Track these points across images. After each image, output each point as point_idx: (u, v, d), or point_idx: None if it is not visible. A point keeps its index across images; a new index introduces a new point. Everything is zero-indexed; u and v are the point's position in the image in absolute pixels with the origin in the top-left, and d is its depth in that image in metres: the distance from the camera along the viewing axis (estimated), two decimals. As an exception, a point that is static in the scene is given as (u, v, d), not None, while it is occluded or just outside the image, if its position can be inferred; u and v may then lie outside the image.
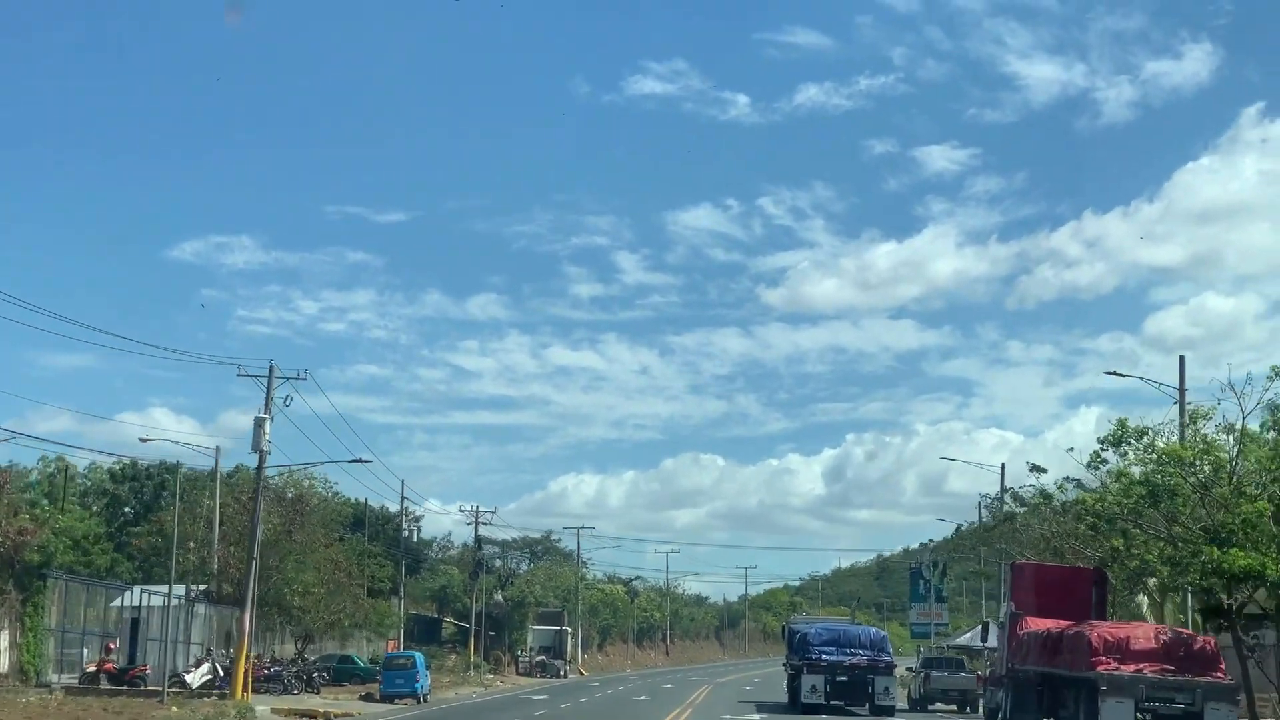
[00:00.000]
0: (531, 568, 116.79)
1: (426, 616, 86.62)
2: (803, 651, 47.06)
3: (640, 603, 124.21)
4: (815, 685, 44.95)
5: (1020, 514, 52.58)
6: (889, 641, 51.40)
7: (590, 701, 53.61)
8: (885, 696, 44.88)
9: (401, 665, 55.20)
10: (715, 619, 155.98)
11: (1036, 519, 52.54)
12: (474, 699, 59.04)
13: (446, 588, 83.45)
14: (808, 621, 67.82)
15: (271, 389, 45.18)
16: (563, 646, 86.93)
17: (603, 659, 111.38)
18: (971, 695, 49.97)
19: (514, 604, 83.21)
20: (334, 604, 61.27)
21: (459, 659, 79.93)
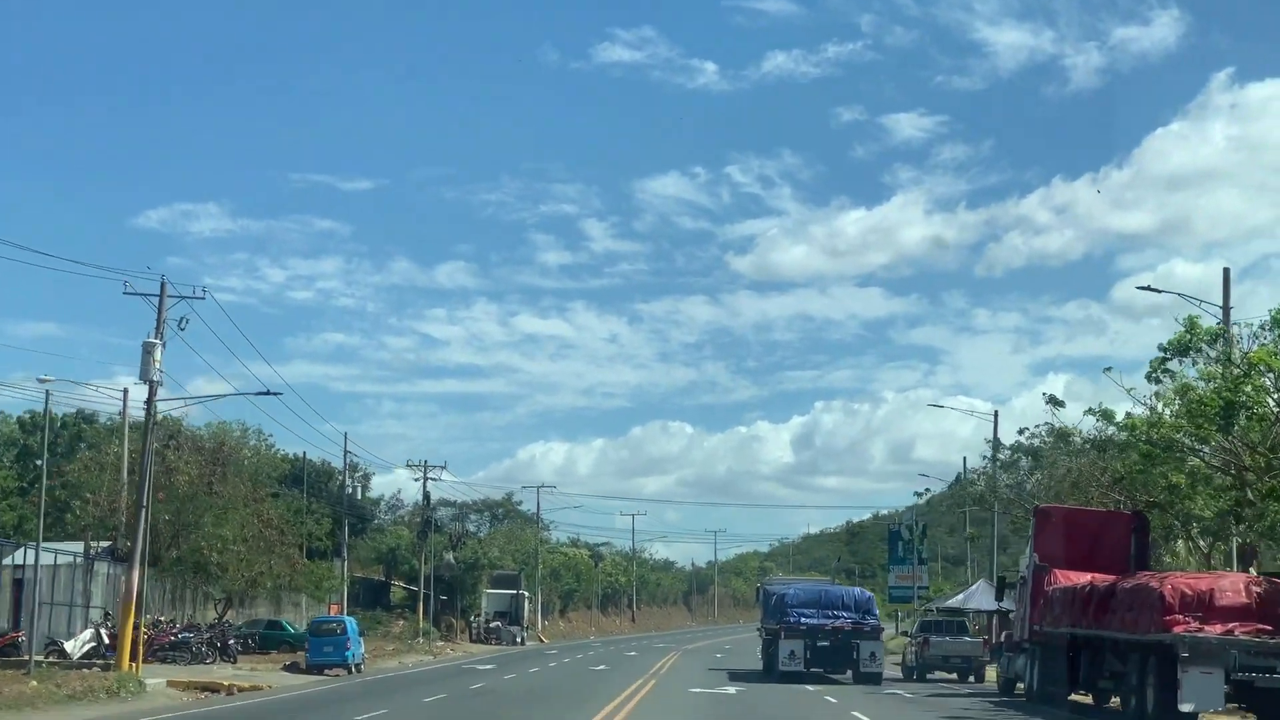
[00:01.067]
0: (491, 531, 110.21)
1: (373, 580, 79.69)
2: (779, 615, 42.53)
3: (605, 567, 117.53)
4: (794, 651, 40.61)
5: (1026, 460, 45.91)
6: (875, 603, 45.66)
7: (541, 672, 46.91)
8: (872, 663, 40.47)
9: (330, 631, 48.28)
10: (683, 584, 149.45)
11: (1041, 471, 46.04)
12: (414, 669, 52.30)
13: (395, 549, 76.48)
14: (784, 582, 61.27)
15: (163, 310, 38.04)
16: (519, 612, 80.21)
17: (565, 625, 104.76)
18: (976, 663, 43.46)
19: (466, 566, 76.39)
20: (258, 563, 54.29)
21: (407, 625, 73.16)
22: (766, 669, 44.84)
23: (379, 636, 69.50)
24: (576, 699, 30.72)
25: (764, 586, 58.29)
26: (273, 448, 68.70)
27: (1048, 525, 32.57)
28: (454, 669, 50.83)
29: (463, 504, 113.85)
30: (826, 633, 40.83)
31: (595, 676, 43.30)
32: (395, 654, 61.42)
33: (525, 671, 46.80)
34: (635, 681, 38.94)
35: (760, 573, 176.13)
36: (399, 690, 36.30)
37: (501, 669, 49.04)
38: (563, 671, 47.69)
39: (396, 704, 30.02)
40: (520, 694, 33.61)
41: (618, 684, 37.19)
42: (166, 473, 51.49)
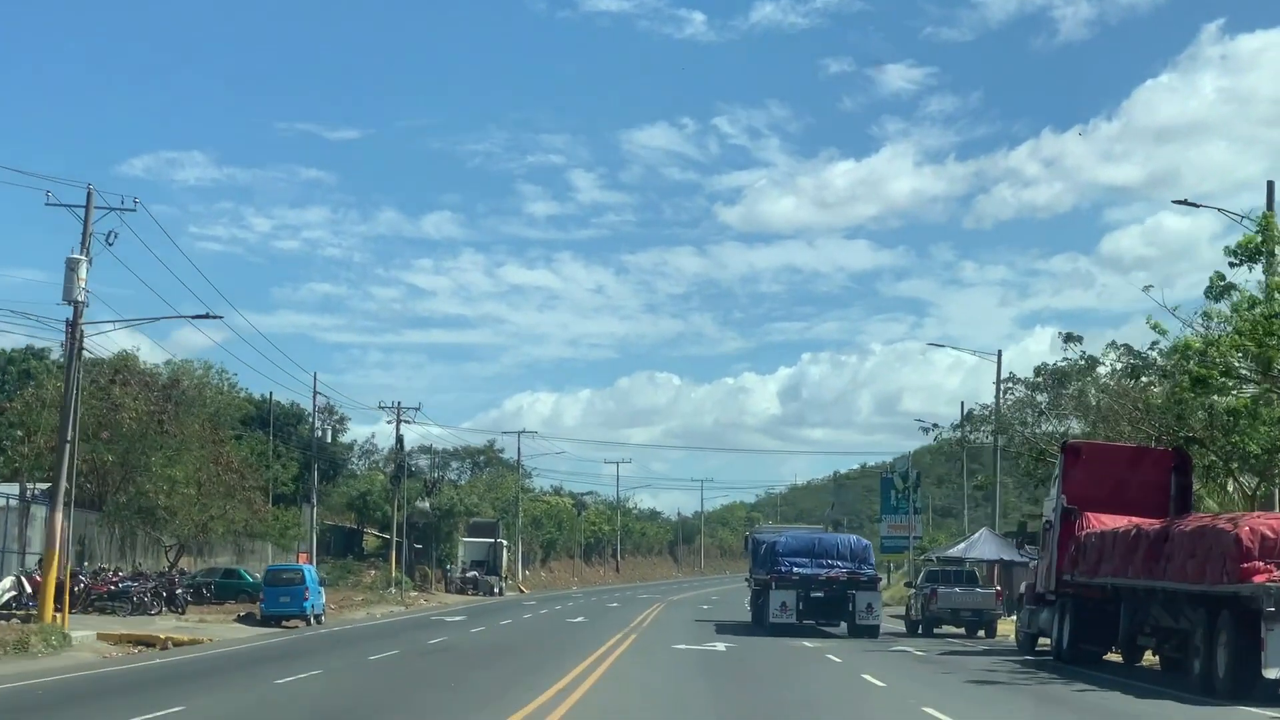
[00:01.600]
0: (471, 479, 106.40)
1: (344, 528, 75.75)
2: (770, 564, 40.17)
3: (589, 516, 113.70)
4: (785, 602, 38.35)
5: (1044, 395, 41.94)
6: (872, 552, 42.72)
7: (512, 625, 43.13)
8: (868, 615, 38.12)
9: (287, 580, 44.39)
10: (669, 535, 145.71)
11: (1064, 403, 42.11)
12: (381, 621, 48.55)
13: (366, 494, 72.51)
14: (774, 531, 57.54)
15: (89, 223, 33.84)
16: (497, 561, 76.45)
17: (546, 576, 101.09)
18: (989, 616, 39.64)
19: (442, 514, 72.50)
20: (213, 507, 50.37)
21: (379, 575, 69.28)
22: (756, 621, 42.51)
23: (349, 586, 65.84)
24: (544, 658, 26.88)
25: (753, 535, 54.73)
26: (237, 387, 64.58)
27: (1077, 463, 28.75)
28: (421, 621, 47.06)
29: (444, 451, 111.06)
30: (820, 583, 38.50)
31: (570, 630, 39.53)
32: (364, 605, 57.66)
33: (496, 624, 43.01)
34: (613, 636, 35.14)
35: (748, 522, 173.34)
36: (351, 645, 32.47)
37: (471, 621, 45.28)
38: (536, 624, 43.92)
39: (338, 662, 26.15)
40: (482, 651, 29.76)
41: (594, 639, 33.37)
42: (112, 409, 47.54)
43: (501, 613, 52.66)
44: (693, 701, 19.20)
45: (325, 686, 20.80)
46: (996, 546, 55.62)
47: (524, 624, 43.63)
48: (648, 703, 19.02)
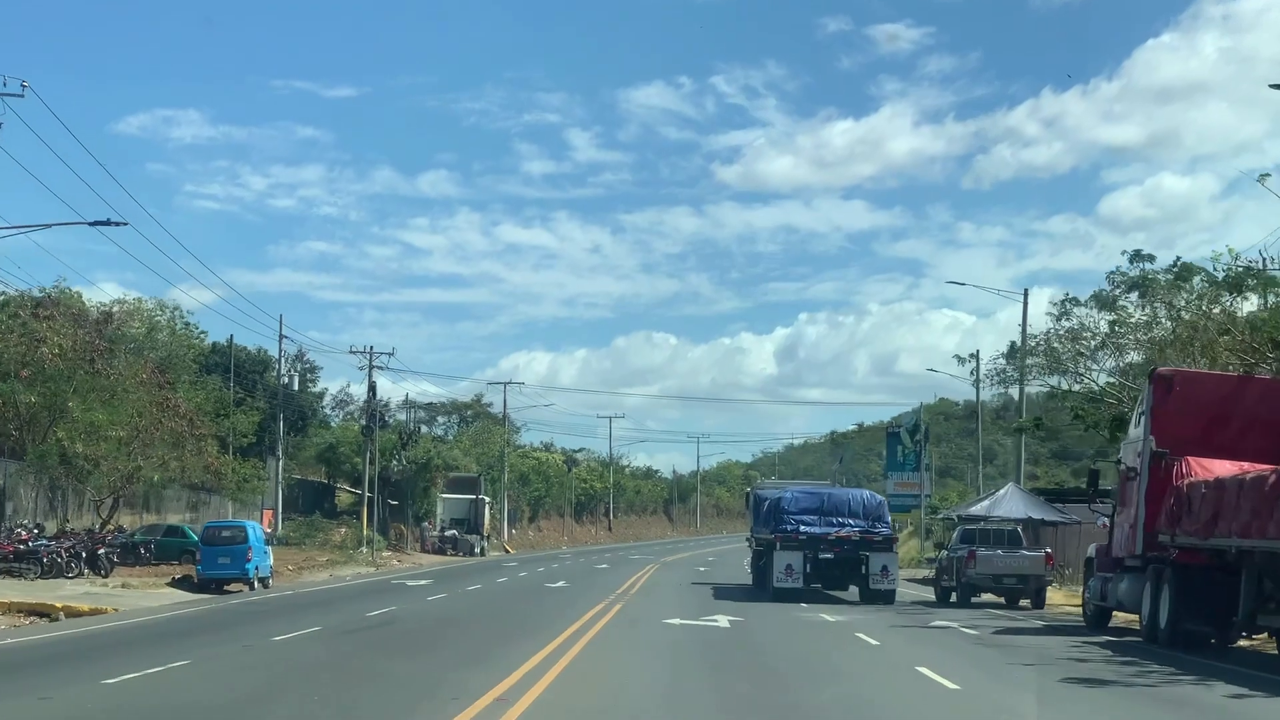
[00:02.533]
0: (458, 433, 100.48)
1: (314, 483, 69.69)
2: (774, 522, 36.24)
3: (580, 473, 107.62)
4: (791, 565, 34.44)
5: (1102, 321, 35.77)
6: (887, 509, 38.57)
7: (480, 592, 37.23)
8: (883, 578, 34.30)
9: (227, 539, 38.49)
10: (664, 493, 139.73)
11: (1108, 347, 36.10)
12: (340, 584, 42.82)
13: (336, 446, 66.45)
14: (779, 486, 51.60)
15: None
16: (479, 519, 70.53)
17: (535, 535, 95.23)
18: (1038, 583, 33.47)
19: (418, 467, 66.48)
20: (153, 455, 44.41)
21: (349, 533, 63.39)
22: (757, 584, 39.22)
23: (317, 545, 60.06)
24: (496, 639, 20.84)
25: (755, 491, 48.81)
26: (195, 330, 58.36)
27: (1169, 397, 22.76)
28: (380, 585, 41.15)
29: (429, 405, 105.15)
30: (830, 543, 34.57)
31: (544, 598, 33.56)
32: (328, 566, 51.94)
33: (460, 590, 37.04)
34: (594, 606, 29.17)
35: (745, 480, 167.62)
36: (277, 617, 26.47)
37: (436, 585, 39.39)
38: (508, 590, 37.95)
39: (229, 646, 20.10)
40: (425, 629, 23.71)
41: (569, 610, 27.42)
42: (32, 345, 41.51)
43: (475, 575, 46.77)
44: (694, 715, 13.19)
45: (164, 694, 14.64)
46: (1024, 503, 49.67)
47: (494, 590, 37.67)
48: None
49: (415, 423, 70.14)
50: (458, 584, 40.39)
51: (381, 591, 36.64)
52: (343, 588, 40.47)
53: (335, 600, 33.31)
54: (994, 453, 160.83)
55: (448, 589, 37.31)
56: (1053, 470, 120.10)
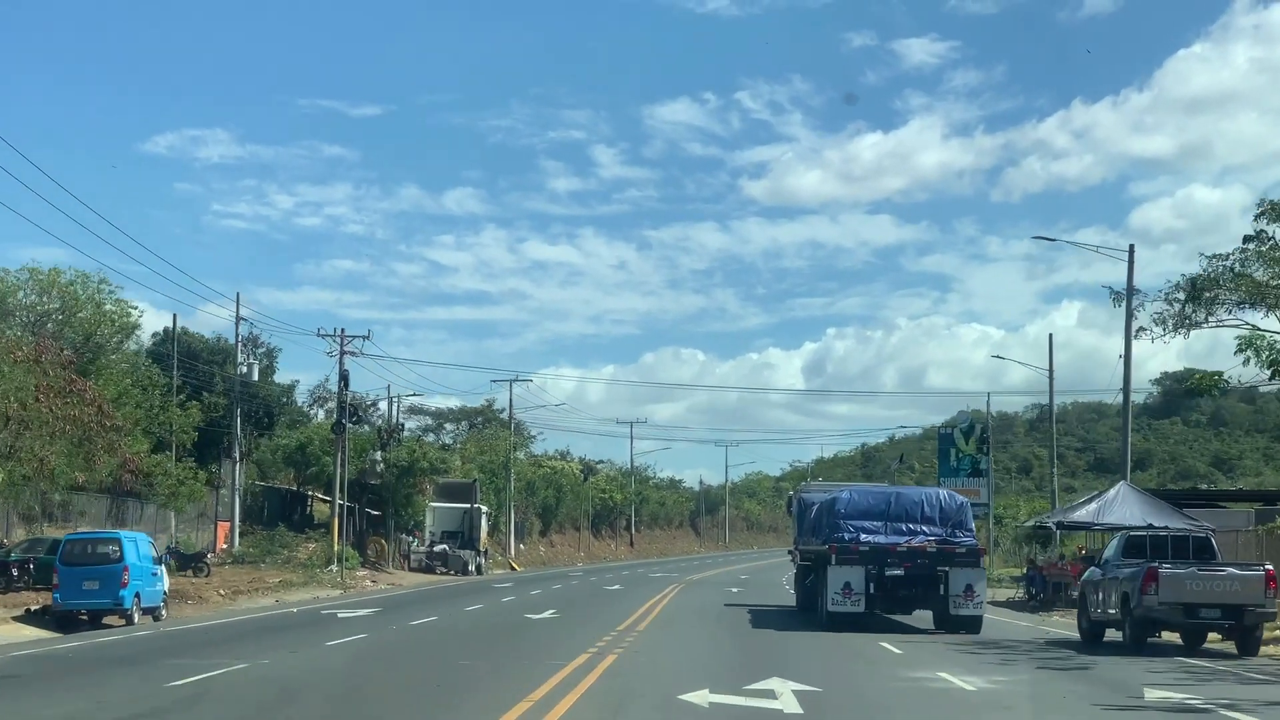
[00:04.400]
0: (464, 439, 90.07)
1: (282, 490, 59.15)
2: (827, 530, 28.94)
3: (598, 482, 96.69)
4: (850, 584, 27.21)
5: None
6: (970, 512, 29.92)
7: (434, 625, 26.99)
8: (967, 601, 27.01)
9: (96, 557, 28.45)
10: (690, 505, 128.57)
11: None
12: (271, 613, 32.53)
13: (305, 447, 55.94)
14: (827, 489, 40.83)
15: None
16: (474, 532, 59.86)
17: (546, 550, 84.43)
18: (1253, 617, 21.85)
19: (400, 470, 55.88)
20: (30, 448, 34.04)
21: (318, 549, 52.90)
22: (803, 607, 32.55)
23: (279, 563, 49.80)
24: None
25: (799, 494, 38.69)
26: (125, 307, 47.87)
27: None
28: (309, 618, 30.68)
29: (436, 411, 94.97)
30: (900, 556, 27.33)
31: (510, 641, 22.88)
32: (280, 589, 41.72)
33: (403, 626, 26.43)
34: (574, 659, 18.48)
35: (775, 493, 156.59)
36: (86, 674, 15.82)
37: (379, 619, 28.97)
38: (471, 626, 27.11)
39: None
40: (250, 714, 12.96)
41: (527, 669, 16.78)
42: None
43: (444, 602, 36.26)
44: None
45: None
46: (1141, 507, 38.98)
47: (449, 625, 26.86)
48: None
49: (399, 420, 59.72)
50: (411, 614, 29.87)
51: (295, 628, 26.18)
52: (262, 620, 29.97)
53: (220, 641, 22.90)
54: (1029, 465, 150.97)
55: (385, 625, 26.80)
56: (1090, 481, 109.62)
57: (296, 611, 32.77)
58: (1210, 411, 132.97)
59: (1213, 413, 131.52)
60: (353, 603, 36.15)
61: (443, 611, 31.15)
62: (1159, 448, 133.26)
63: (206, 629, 26.99)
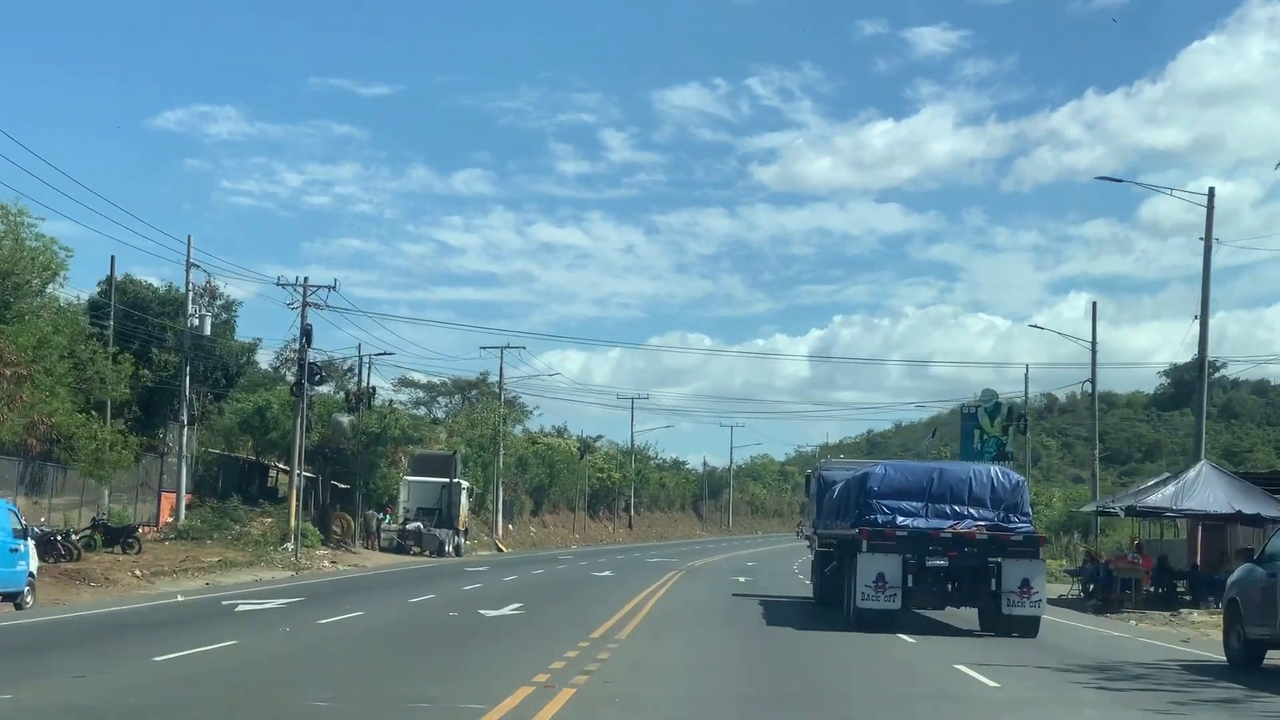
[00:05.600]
0: (454, 413, 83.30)
1: (239, 459, 52.38)
2: (856, 512, 24.15)
3: (596, 460, 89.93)
4: (884, 575, 22.23)
5: None
6: (1027, 492, 24.91)
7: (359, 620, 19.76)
8: (1023, 598, 22.17)
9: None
10: (694, 487, 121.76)
11: None
12: (175, 601, 25.94)
13: (264, 410, 49.17)
14: (851, 465, 34.65)
15: None
16: (453, 509, 53.13)
17: (537, 531, 77.63)
18: None
19: (369, 438, 49.13)
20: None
21: (274, 525, 46.29)
22: (822, 599, 28.31)
23: (228, 541, 43.40)
24: None
25: (820, 471, 33.40)
26: (51, 244, 40.95)
27: None
28: (207, 608, 23.85)
29: (427, 384, 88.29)
30: (944, 543, 22.78)
31: (437, 655, 16.21)
32: (218, 569, 35.69)
33: (308, 625, 19.63)
34: (506, 700, 11.47)
35: (781, 477, 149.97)
36: None
37: (292, 613, 22.16)
38: (397, 631, 20.10)
39: None
40: None
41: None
42: None
43: (384, 592, 29.51)
44: None
45: None
46: (1227, 489, 32.33)
47: (344, 635, 19.81)
48: None
49: (370, 384, 52.86)
50: (334, 607, 23.20)
51: (159, 627, 19.38)
52: (136, 614, 23.11)
53: (37, 646, 16.25)
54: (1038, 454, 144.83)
55: (283, 623, 20.03)
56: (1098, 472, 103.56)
57: (184, 601, 26.00)
58: (1221, 403, 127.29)
59: (1224, 404, 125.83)
60: (273, 590, 29.34)
61: (378, 604, 24.41)
62: (1169, 439, 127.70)
63: (52, 624, 20.27)
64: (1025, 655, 18.33)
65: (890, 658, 17.54)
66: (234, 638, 17.07)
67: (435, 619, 21.30)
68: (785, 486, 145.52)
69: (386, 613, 22.57)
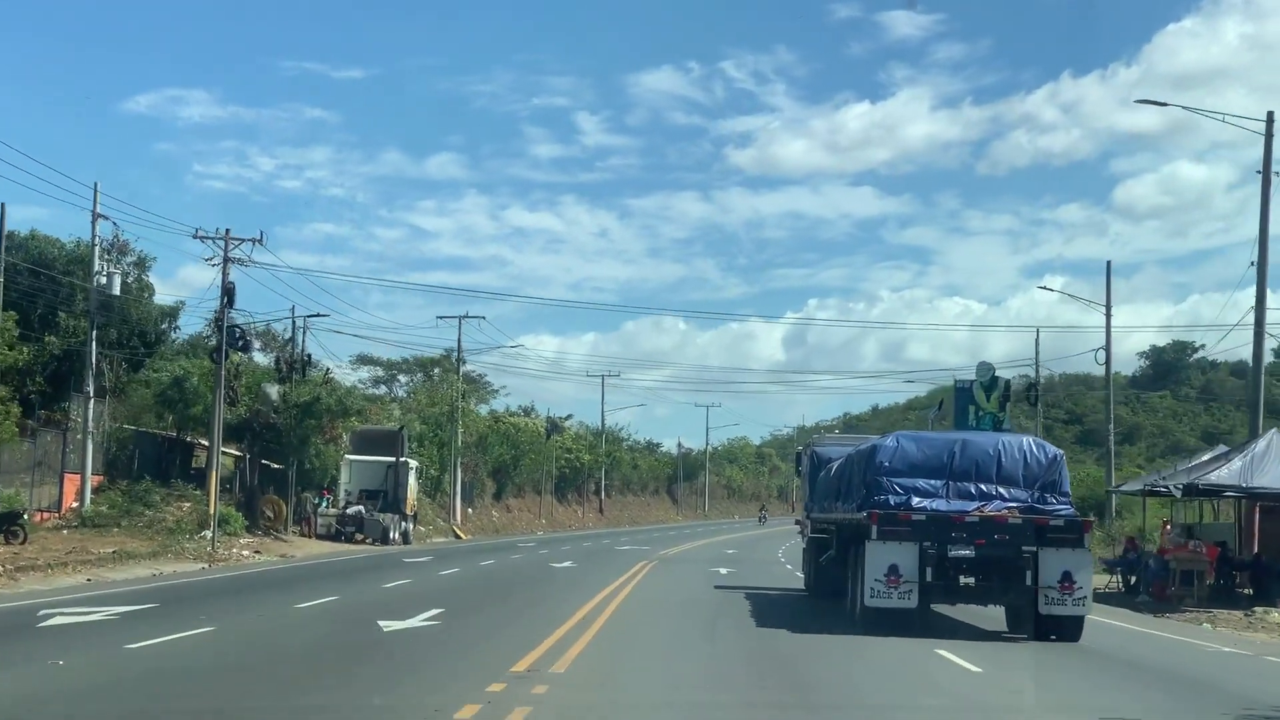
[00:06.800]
0: (413, 390, 77.36)
1: (158, 435, 46.15)
2: (864, 492, 19.95)
3: (564, 441, 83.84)
4: (898, 567, 18.49)
5: None
6: (1065, 468, 20.39)
7: (200, 641, 13.69)
8: (1066, 595, 18.38)
9: None
10: (668, 470, 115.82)
11: None
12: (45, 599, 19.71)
13: (183, 382, 42.93)
14: (846, 440, 29.56)
15: None
16: (399, 491, 47.15)
17: (500, 516, 71.58)
18: None
19: (300, 411, 42.91)
20: None
21: (192, 509, 40.28)
22: (815, 592, 25.07)
23: (140, 528, 37.65)
24: None
25: (813, 448, 29.15)
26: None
27: None
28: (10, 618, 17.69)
29: (389, 361, 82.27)
30: (969, 529, 18.57)
31: (293, 692, 9.91)
32: (111, 562, 30.04)
33: (92, 659, 13.42)
34: None
35: (758, 459, 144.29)
36: None
37: (122, 626, 16.08)
38: (240, 661, 13.97)
39: None
40: None
41: None
42: None
43: (280, 593, 23.48)
44: None
45: None
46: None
47: (183, 653, 13.64)
48: None
49: (304, 349, 46.40)
50: (184, 620, 17.09)
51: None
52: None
53: None
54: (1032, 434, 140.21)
55: (82, 648, 13.90)
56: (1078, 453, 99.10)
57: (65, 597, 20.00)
58: (1200, 385, 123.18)
59: (1202, 386, 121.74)
60: (139, 592, 23.20)
61: (250, 613, 18.40)
62: (1148, 421, 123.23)
63: None
64: (1099, 674, 12.99)
65: (928, 674, 12.17)
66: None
67: (307, 638, 15.33)
68: (763, 469, 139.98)
69: (250, 626, 16.60)
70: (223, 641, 14.80)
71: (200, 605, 19.62)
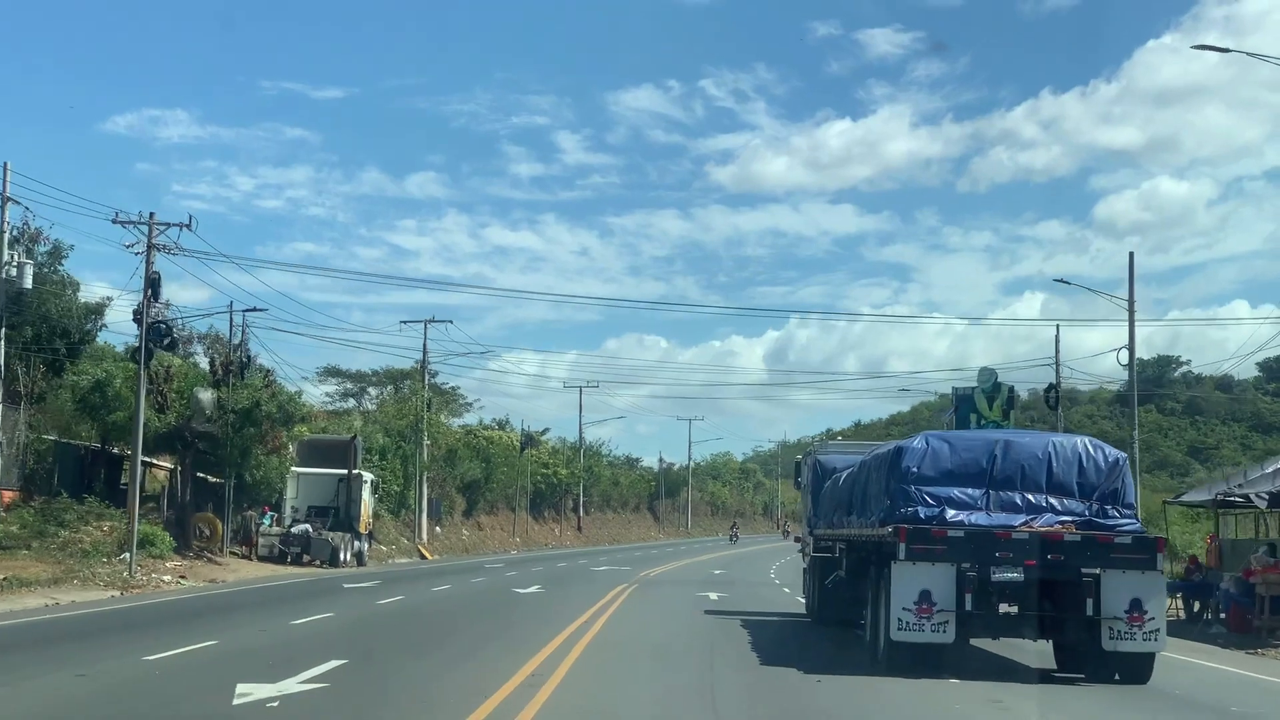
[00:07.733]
0: (381, 402, 72.25)
1: (80, 447, 41.00)
2: (888, 504, 16.44)
3: (539, 455, 78.72)
4: (930, 594, 15.06)
5: None
6: (1130, 474, 16.85)
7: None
8: (1135, 628, 15.02)
9: None
10: (649, 486, 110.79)
11: None
12: None
13: (104, 386, 37.76)
14: (851, 449, 24.76)
15: None
16: (352, 507, 42.12)
17: (470, 534, 66.48)
18: None
19: (240, 418, 37.77)
20: None
21: (112, 530, 35.17)
22: (820, 618, 22.36)
23: (54, 549, 32.72)
24: None
25: (816, 456, 25.64)
26: None
27: None
28: None
29: (355, 373, 77.28)
30: (1017, 547, 15.26)
31: None
32: (3, 591, 24.81)
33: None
34: None
35: (742, 475, 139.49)
36: None
37: None
38: None
39: None
40: None
41: None
42: None
43: (176, 630, 18.43)
44: None
45: None
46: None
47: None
48: None
49: (244, 350, 41.13)
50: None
51: None
52: None
53: None
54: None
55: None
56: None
57: None
58: (1186, 400, 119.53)
59: (1188, 401, 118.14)
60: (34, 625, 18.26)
61: (67, 671, 13.31)
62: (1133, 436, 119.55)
63: None
64: None
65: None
66: None
67: (120, 711, 10.32)
68: (747, 485, 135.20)
69: (45, 694, 11.54)
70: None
71: (34, 652, 14.61)
